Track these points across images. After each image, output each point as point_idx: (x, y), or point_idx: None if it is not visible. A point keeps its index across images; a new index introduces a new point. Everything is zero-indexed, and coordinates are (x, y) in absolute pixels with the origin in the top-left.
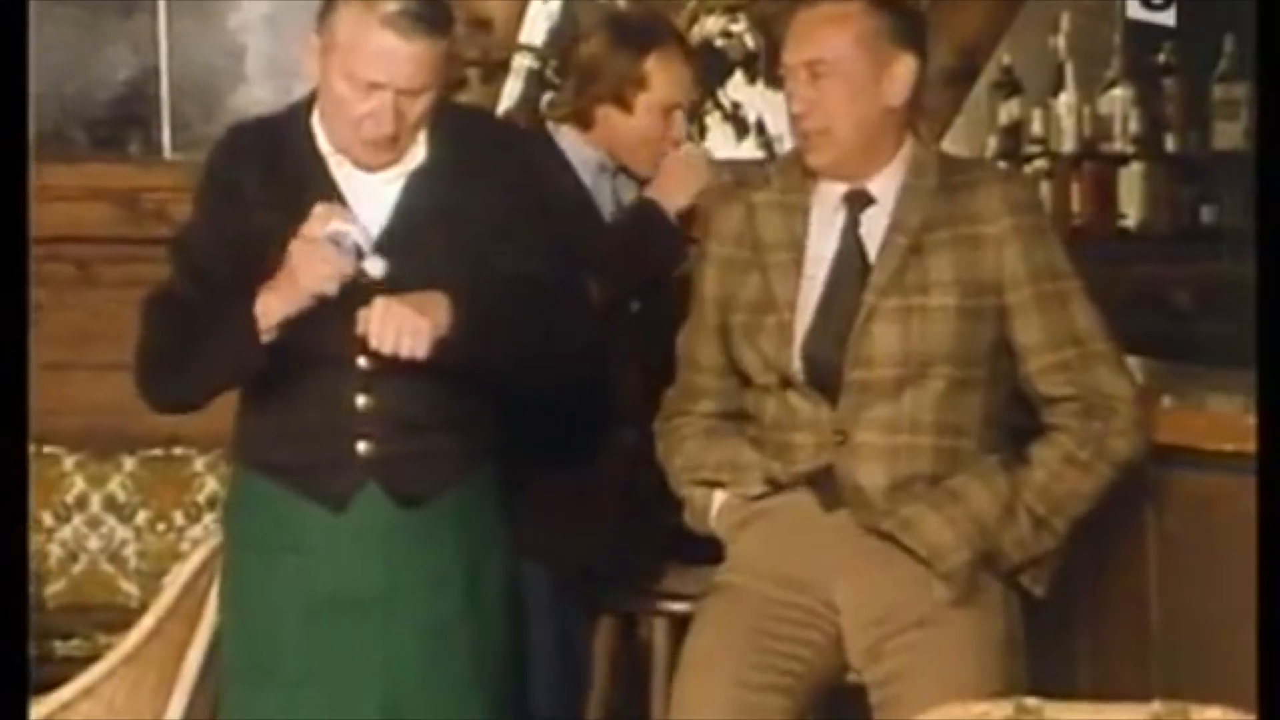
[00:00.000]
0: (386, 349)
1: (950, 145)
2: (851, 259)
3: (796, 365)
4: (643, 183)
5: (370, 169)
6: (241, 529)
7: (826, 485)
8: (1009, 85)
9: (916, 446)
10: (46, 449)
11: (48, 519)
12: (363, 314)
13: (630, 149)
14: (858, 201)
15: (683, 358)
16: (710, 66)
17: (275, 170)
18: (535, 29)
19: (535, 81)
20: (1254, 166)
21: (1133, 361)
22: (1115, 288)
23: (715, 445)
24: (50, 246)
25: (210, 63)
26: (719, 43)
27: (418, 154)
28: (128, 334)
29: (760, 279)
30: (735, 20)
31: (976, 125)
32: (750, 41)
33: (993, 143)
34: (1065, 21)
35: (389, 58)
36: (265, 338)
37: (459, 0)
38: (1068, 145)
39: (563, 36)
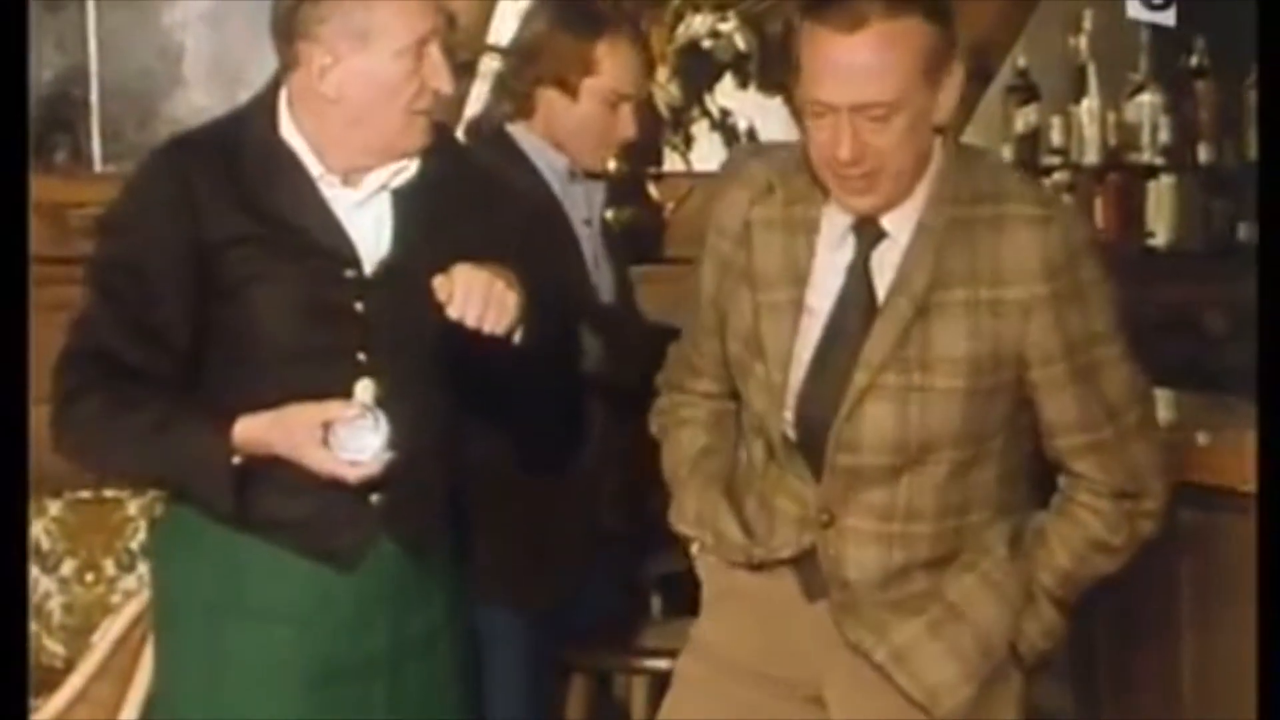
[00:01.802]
0: (470, 321)
1: None
2: (858, 304)
3: (787, 426)
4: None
5: (353, 180)
6: (201, 589)
7: (811, 570)
8: (1025, 90)
9: (914, 535)
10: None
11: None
12: (440, 281)
13: (572, 137)
14: (868, 233)
15: (684, 332)
16: (697, 69)
17: (243, 198)
18: (504, 29)
19: (504, 86)
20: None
21: (1162, 394)
22: (1142, 311)
23: (699, 479)
24: None
25: (144, 64)
26: (706, 43)
27: (408, 166)
28: (50, 363)
29: (754, 316)
30: (724, 19)
31: (990, 133)
32: (741, 42)
33: (1007, 152)
34: (1087, 20)
35: (431, 3)
36: (236, 459)
37: None
38: (1090, 156)
39: None
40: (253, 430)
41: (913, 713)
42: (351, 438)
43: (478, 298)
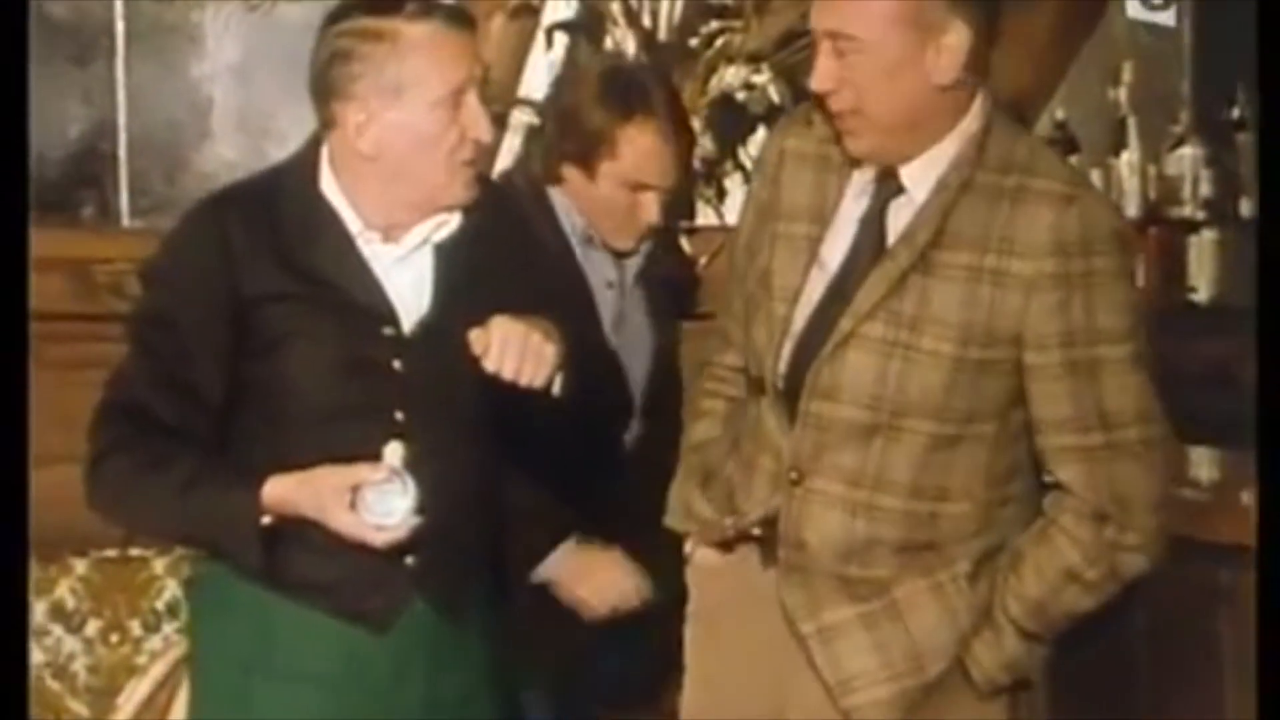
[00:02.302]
0: (507, 373)
1: None
2: (867, 255)
3: (782, 370)
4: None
5: (394, 237)
6: (235, 649)
7: (775, 541)
8: (1064, 142)
9: (881, 508)
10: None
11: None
12: (476, 334)
13: (594, 215)
14: (886, 187)
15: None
16: (730, 122)
17: (281, 254)
18: (535, 81)
19: (535, 139)
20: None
21: (1205, 452)
22: (1185, 368)
23: (685, 470)
24: None
25: (172, 118)
26: (740, 96)
27: (449, 221)
28: (76, 421)
29: (770, 248)
30: (758, 71)
31: None
32: (775, 94)
33: None
34: (1127, 72)
35: (465, 54)
36: (265, 519)
37: None
38: (1131, 209)
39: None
40: (282, 490)
41: None
42: (379, 501)
43: (514, 350)
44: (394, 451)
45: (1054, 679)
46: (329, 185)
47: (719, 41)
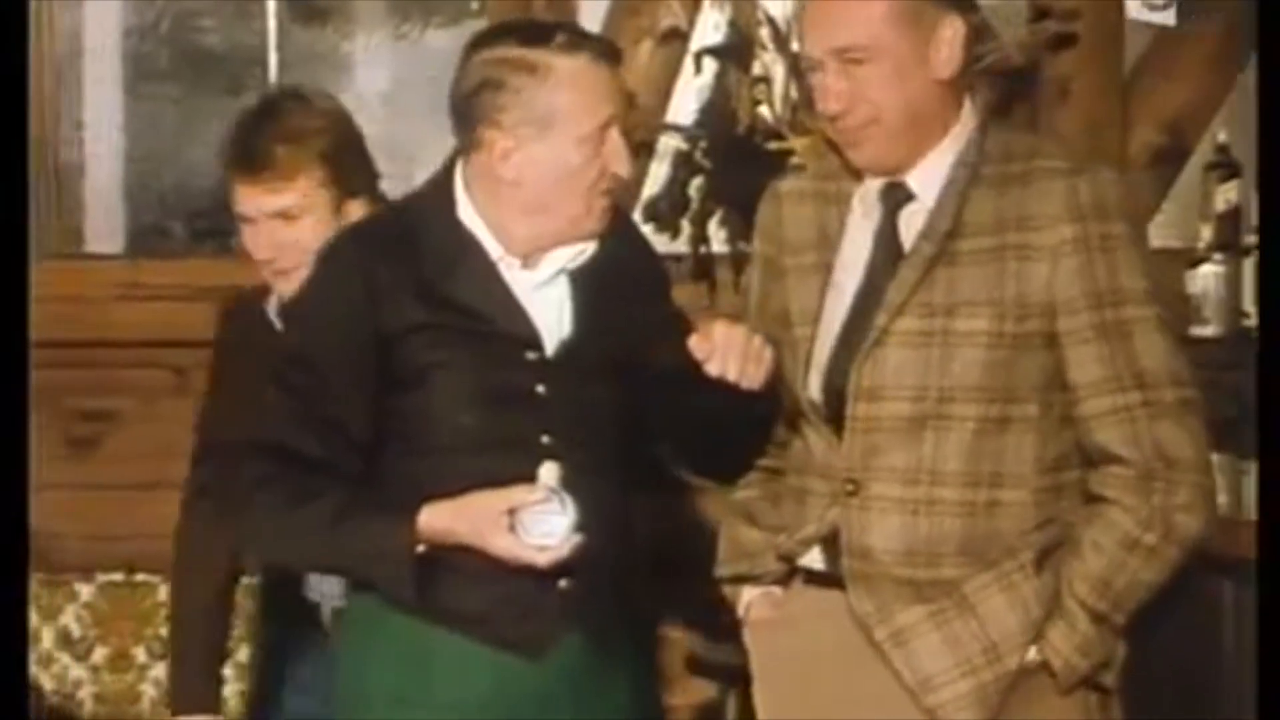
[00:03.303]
0: (731, 375)
1: (1158, 234)
2: (887, 262)
3: (815, 394)
4: None
5: (532, 262)
6: (386, 680)
7: (836, 556)
8: (1226, 166)
9: (939, 501)
10: (140, 577)
11: (141, 655)
12: (696, 340)
13: None
14: (895, 196)
15: None
16: None
17: (423, 284)
18: (683, 106)
19: (683, 165)
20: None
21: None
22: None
23: (728, 518)
24: (142, 351)
25: None
26: None
27: (586, 249)
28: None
29: (782, 286)
30: None
31: (1188, 211)
32: None
33: (1207, 232)
34: None
35: (611, 88)
36: (420, 548)
37: None
38: None
39: (714, 115)
40: (437, 519)
41: None
42: (537, 523)
43: (738, 352)
44: (550, 471)
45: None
46: (466, 211)
47: None
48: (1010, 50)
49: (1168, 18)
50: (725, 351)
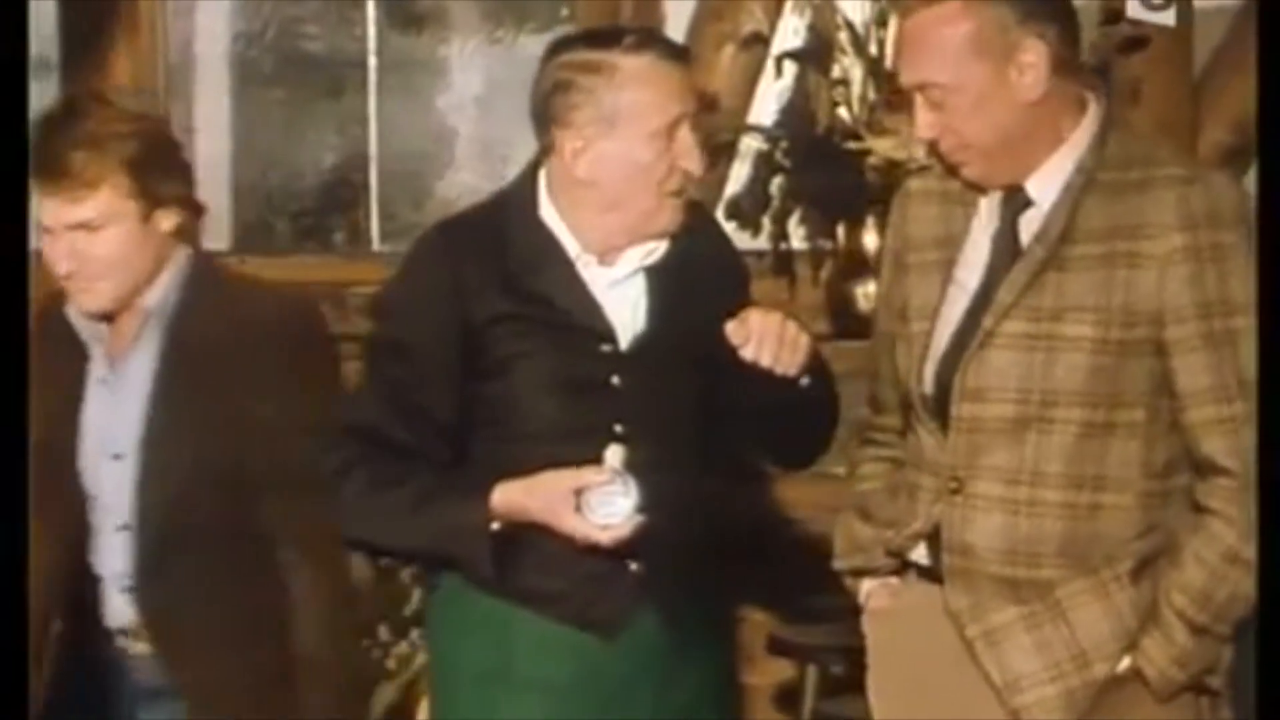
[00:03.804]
0: (765, 361)
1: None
2: (1001, 271)
3: (928, 388)
4: None
5: (609, 259)
6: (473, 661)
7: (938, 551)
8: None
9: (1041, 502)
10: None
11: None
12: (734, 326)
13: None
14: (1014, 202)
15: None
16: None
17: (507, 279)
18: (765, 108)
19: (764, 165)
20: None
21: None
22: None
23: (843, 517)
24: None
25: (420, 147)
26: None
27: (659, 246)
28: None
29: (904, 281)
30: None
31: None
32: None
33: None
34: None
35: (680, 88)
36: (495, 525)
37: None
38: None
39: (794, 116)
40: (510, 496)
41: None
42: (602, 503)
43: (773, 338)
44: (615, 453)
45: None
46: (547, 211)
47: None
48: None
49: (1167, 18)
50: (761, 337)
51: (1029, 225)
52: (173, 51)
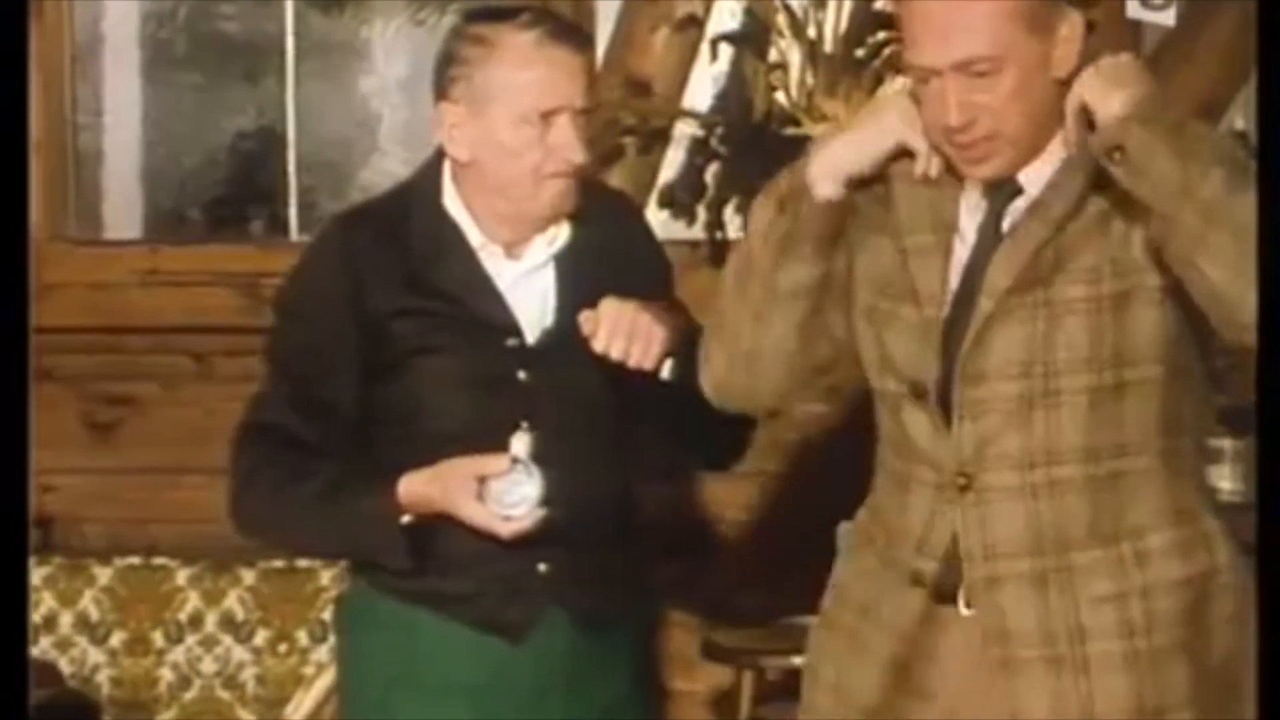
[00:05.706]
0: (615, 354)
1: None
2: (988, 259)
3: (935, 375)
4: None
5: (516, 252)
6: (379, 664)
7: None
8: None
9: (1061, 481)
10: (156, 560)
11: (158, 639)
12: (586, 316)
13: None
14: (1002, 192)
15: None
16: None
17: (409, 272)
18: (700, 93)
19: (700, 152)
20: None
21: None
22: None
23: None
24: (162, 337)
25: (341, 133)
26: None
27: (559, 234)
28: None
29: (899, 261)
30: None
31: None
32: None
33: None
34: None
35: (563, 74)
36: (405, 519)
37: (615, 61)
38: None
39: (730, 102)
40: (413, 486)
41: None
42: (506, 492)
43: (624, 330)
44: (519, 442)
45: None
46: (451, 199)
47: (886, 52)
48: None
49: (1167, 18)
50: (611, 329)
51: (1018, 214)
52: (79, 30)
